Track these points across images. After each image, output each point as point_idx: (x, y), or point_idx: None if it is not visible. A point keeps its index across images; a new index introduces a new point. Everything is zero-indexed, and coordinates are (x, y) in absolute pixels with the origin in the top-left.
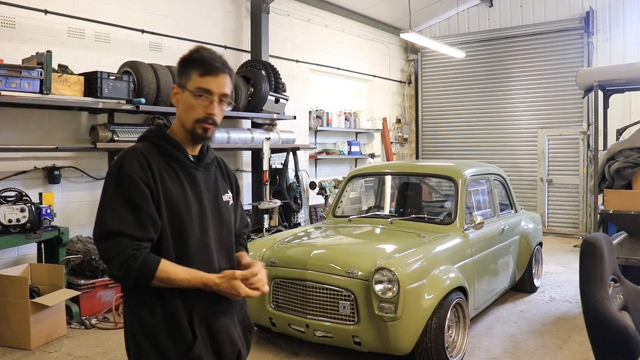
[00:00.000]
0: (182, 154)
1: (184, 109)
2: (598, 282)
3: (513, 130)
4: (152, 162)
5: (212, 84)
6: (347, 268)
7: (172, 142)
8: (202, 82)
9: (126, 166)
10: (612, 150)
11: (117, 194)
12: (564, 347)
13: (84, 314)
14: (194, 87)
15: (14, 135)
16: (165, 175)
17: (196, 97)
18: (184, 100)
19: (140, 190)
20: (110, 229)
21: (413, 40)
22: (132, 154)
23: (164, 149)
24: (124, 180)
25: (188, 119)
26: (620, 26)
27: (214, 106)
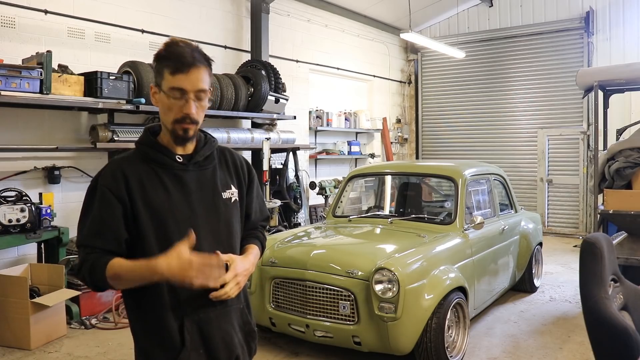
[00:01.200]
0: (168, 156)
1: (162, 110)
2: (598, 282)
3: (513, 130)
4: (130, 172)
5: (184, 82)
6: (347, 268)
7: (156, 146)
8: (174, 81)
9: (101, 179)
10: (612, 150)
11: (88, 207)
12: (564, 347)
13: (84, 314)
14: (167, 87)
15: (14, 135)
16: (146, 183)
17: (169, 97)
18: (161, 101)
19: (107, 203)
20: (82, 242)
21: (413, 40)
22: (111, 165)
23: (146, 154)
24: (96, 194)
25: (167, 120)
26: (620, 26)
27: (190, 105)
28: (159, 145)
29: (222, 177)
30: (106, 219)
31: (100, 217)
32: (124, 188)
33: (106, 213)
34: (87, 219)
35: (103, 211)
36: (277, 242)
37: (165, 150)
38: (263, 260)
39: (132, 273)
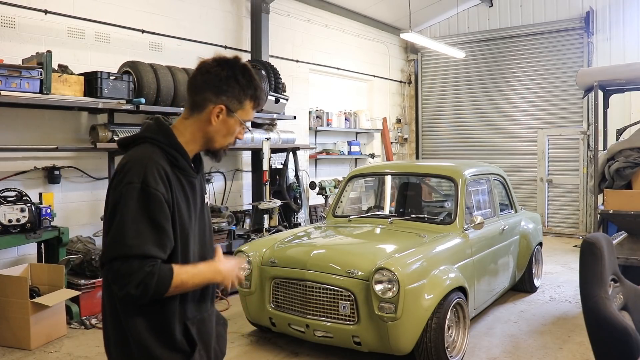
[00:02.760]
0: (189, 165)
1: (223, 132)
2: (598, 282)
3: (513, 130)
4: (170, 178)
5: (252, 116)
6: (347, 268)
7: (182, 152)
8: (249, 116)
9: (151, 182)
10: (612, 150)
11: (142, 212)
12: (564, 347)
13: (84, 314)
14: (244, 119)
15: (14, 135)
16: (175, 188)
17: (239, 127)
18: (228, 124)
19: (164, 211)
20: (132, 252)
21: (413, 40)
22: (152, 166)
23: (174, 159)
24: (150, 199)
25: (222, 142)
26: (620, 26)
27: (244, 134)
28: (184, 153)
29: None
30: (166, 228)
31: (161, 226)
32: (169, 193)
33: (165, 221)
34: (141, 225)
35: (163, 220)
36: (277, 242)
37: (187, 155)
38: (263, 260)
39: (197, 277)
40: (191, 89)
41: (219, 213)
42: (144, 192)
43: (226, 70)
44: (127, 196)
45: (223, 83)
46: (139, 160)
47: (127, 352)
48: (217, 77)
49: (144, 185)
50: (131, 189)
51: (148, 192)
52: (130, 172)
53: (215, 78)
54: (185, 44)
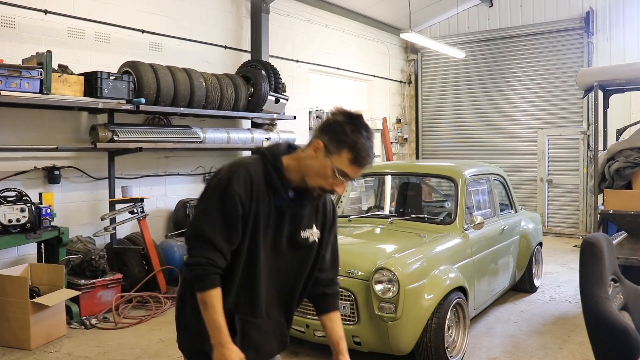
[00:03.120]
0: (285, 192)
1: (316, 169)
2: (598, 282)
3: (513, 130)
4: (255, 187)
5: (353, 172)
6: (347, 268)
7: (282, 177)
8: (347, 168)
9: (234, 185)
10: (612, 150)
11: (218, 206)
12: (564, 347)
13: (84, 314)
14: (338, 167)
15: (14, 135)
16: (260, 202)
17: (333, 175)
18: (322, 165)
19: (237, 210)
20: (203, 233)
21: (413, 40)
22: (242, 173)
23: (270, 179)
24: (228, 198)
25: (313, 180)
26: (620, 26)
27: (343, 187)
28: (285, 181)
29: (310, 217)
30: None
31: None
32: (248, 200)
33: (237, 219)
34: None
35: (234, 218)
36: None
37: (285, 182)
38: None
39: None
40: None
41: None
42: (226, 191)
43: (340, 117)
44: (212, 188)
45: (331, 125)
46: (236, 164)
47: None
48: (331, 119)
49: (228, 186)
50: (218, 184)
51: (228, 192)
52: (224, 170)
53: (329, 120)
54: (185, 44)
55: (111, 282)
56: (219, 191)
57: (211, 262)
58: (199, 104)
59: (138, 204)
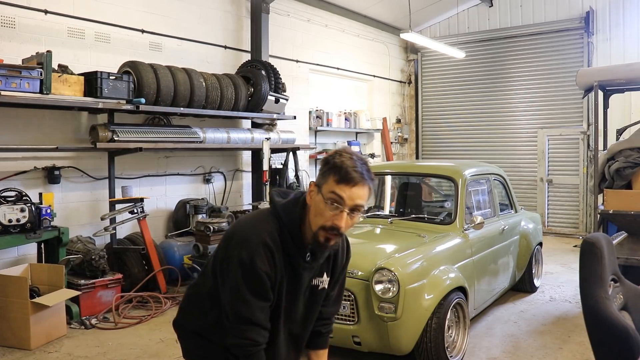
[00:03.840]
0: (302, 256)
1: (314, 211)
2: (598, 282)
3: (513, 130)
4: (276, 260)
5: (345, 194)
6: (347, 268)
7: (298, 242)
8: (336, 189)
9: (258, 262)
10: (612, 150)
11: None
12: (564, 347)
13: (84, 314)
14: (327, 191)
15: (14, 135)
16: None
17: (327, 204)
18: (316, 203)
19: (266, 285)
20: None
21: (413, 40)
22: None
23: (287, 247)
24: (257, 278)
25: (314, 223)
26: (620, 26)
27: (342, 217)
28: (300, 241)
29: (321, 266)
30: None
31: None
32: (274, 275)
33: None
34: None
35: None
36: None
37: (302, 248)
38: None
39: None
40: None
41: (219, 213)
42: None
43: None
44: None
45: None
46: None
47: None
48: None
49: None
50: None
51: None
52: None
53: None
54: (185, 44)
55: (111, 282)
56: (245, 273)
57: (254, 343)
58: (199, 104)
59: (138, 204)
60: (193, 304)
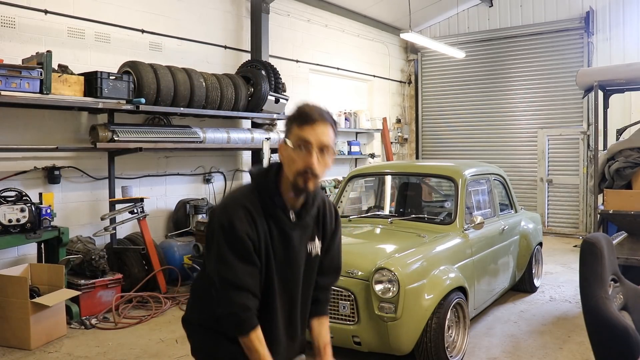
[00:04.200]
0: (285, 214)
1: (286, 162)
2: (598, 282)
3: (513, 130)
4: (257, 220)
5: (309, 134)
6: (347, 268)
7: (278, 200)
8: (300, 133)
9: (237, 224)
10: (612, 150)
11: (231, 249)
12: (564, 347)
13: (84, 314)
14: (293, 140)
15: (14, 135)
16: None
17: (296, 150)
18: (287, 154)
19: (248, 246)
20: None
21: (413, 40)
22: (241, 212)
23: (268, 207)
24: (236, 239)
25: (290, 172)
26: (620, 26)
27: (313, 157)
28: (280, 200)
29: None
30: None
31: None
32: (255, 236)
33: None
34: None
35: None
36: None
37: (285, 206)
38: None
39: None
40: None
41: None
42: (232, 233)
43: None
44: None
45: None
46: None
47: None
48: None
49: (232, 227)
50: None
51: (235, 234)
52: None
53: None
54: (185, 44)
55: (111, 282)
56: (225, 236)
57: (244, 308)
58: (199, 104)
59: (138, 204)
60: (196, 297)
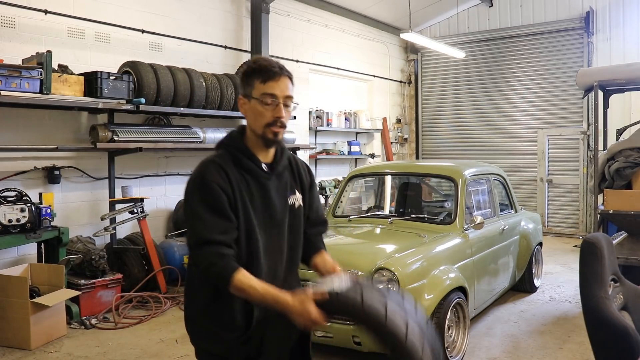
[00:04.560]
0: (256, 165)
1: (252, 116)
2: (598, 282)
3: (513, 130)
4: (230, 174)
5: (274, 88)
6: (347, 268)
7: (247, 152)
8: (265, 88)
9: (208, 176)
10: (612, 150)
11: (202, 202)
12: (564, 347)
13: (84, 314)
14: (259, 94)
15: (14, 135)
16: (240, 187)
17: (262, 104)
18: (252, 109)
19: (221, 198)
20: (199, 237)
21: (413, 40)
22: (211, 165)
23: (239, 160)
24: (207, 190)
25: (258, 126)
26: (620, 26)
27: (280, 109)
28: (249, 152)
29: (290, 184)
30: (224, 212)
31: (220, 211)
32: (229, 185)
33: (223, 207)
34: (204, 216)
35: (221, 205)
36: None
37: (254, 157)
38: None
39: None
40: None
41: None
42: (202, 185)
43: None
44: (190, 191)
45: (240, 82)
46: (202, 162)
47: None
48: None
49: (202, 179)
50: (192, 185)
51: (205, 184)
52: (194, 172)
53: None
54: (185, 44)
55: (111, 282)
56: (197, 189)
57: (218, 256)
58: (199, 104)
59: (138, 204)
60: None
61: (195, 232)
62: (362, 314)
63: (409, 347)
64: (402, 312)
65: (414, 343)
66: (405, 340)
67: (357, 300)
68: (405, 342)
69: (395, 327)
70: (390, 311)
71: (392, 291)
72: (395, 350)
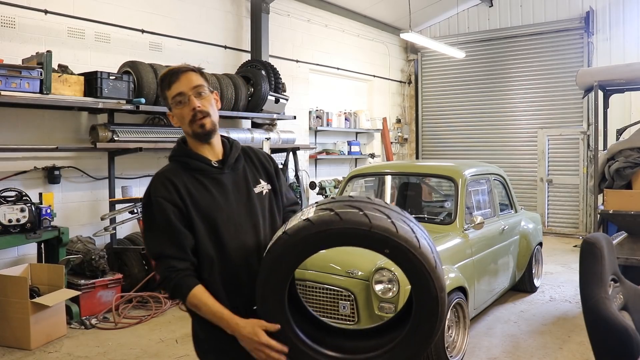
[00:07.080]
0: (204, 162)
1: (179, 122)
2: (598, 282)
3: (513, 130)
4: (176, 181)
5: (179, 87)
6: (347, 268)
7: (193, 154)
8: (172, 92)
9: (152, 192)
10: (612, 150)
11: (151, 219)
12: (564, 347)
13: (84, 314)
14: (171, 100)
15: (14, 135)
16: (192, 190)
17: (177, 105)
18: (176, 116)
19: (166, 211)
20: (154, 252)
21: (413, 40)
22: (157, 180)
23: (187, 164)
24: (153, 206)
25: (186, 127)
26: (620, 26)
27: (192, 100)
28: (194, 154)
29: (251, 174)
30: (171, 225)
31: (166, 226)
32: (176, 196)
33: (169, 221)
34: (153, 232)
35: (166, 220)
36: None
37: (201, 157)
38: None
39: (212, 315)
40: None
41: None
42: (149, 203)
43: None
44: (142, 210)
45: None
46: (152, 178)
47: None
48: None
49: (149, 197)
50: (142, 204)
51: (151, 202)
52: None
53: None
54: (185, 44)
55: (111, 282)
56: (145, 207)
57: (171, 270)
58: None
59: (138, 204)
60: None
61: (148, 247)
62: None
63: (402, 237)
64: (380, 213)
65: (406, 235)
66: (397, 232)
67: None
68: (397, 233)
69: (383, 230)
70: (371, 215)
71: (360, 198)
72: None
